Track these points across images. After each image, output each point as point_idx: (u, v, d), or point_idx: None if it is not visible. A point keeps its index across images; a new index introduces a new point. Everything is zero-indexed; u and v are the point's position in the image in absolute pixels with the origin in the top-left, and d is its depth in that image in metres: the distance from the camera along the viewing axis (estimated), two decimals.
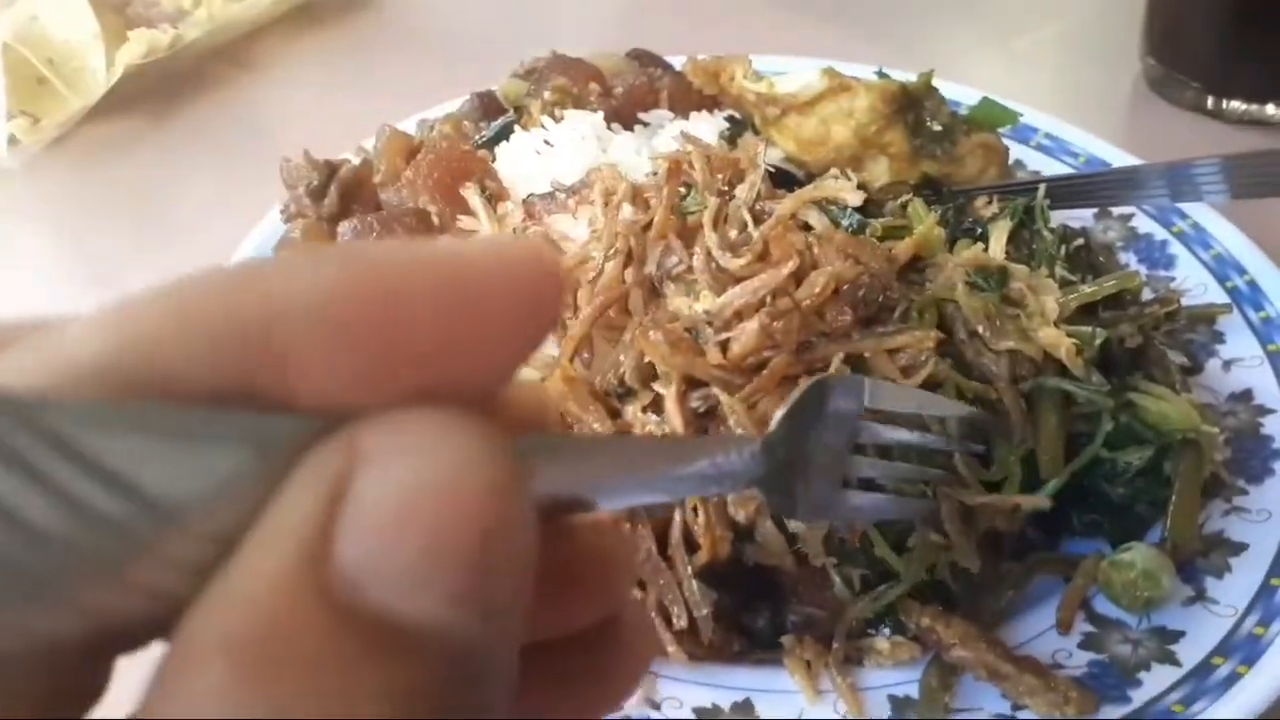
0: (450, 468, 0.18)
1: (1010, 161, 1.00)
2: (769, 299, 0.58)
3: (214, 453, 0.18)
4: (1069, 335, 0.69)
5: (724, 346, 0.60)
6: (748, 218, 0.66)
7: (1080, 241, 0.79)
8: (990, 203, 0.81)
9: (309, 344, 0.19)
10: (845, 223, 0.67)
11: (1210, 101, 1.18)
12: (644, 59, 1.01)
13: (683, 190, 0.72)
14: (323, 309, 0.19)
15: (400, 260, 0.20)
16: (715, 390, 0.58)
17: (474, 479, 0.18)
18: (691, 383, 0.60)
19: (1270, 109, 1.17)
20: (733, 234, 0.69)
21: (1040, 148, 0.99)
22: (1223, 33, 1.16)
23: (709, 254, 0.64)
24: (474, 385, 0.21)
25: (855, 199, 0.66)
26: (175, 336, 0.18)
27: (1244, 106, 1.18)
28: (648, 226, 0.69)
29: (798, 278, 0.61)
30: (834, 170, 0.77)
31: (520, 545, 0.18)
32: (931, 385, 0.62)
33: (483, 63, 1.05)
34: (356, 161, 0.88)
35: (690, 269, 0.67)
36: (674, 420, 0.58)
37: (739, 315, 0.60)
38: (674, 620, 0.60)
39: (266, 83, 1.24)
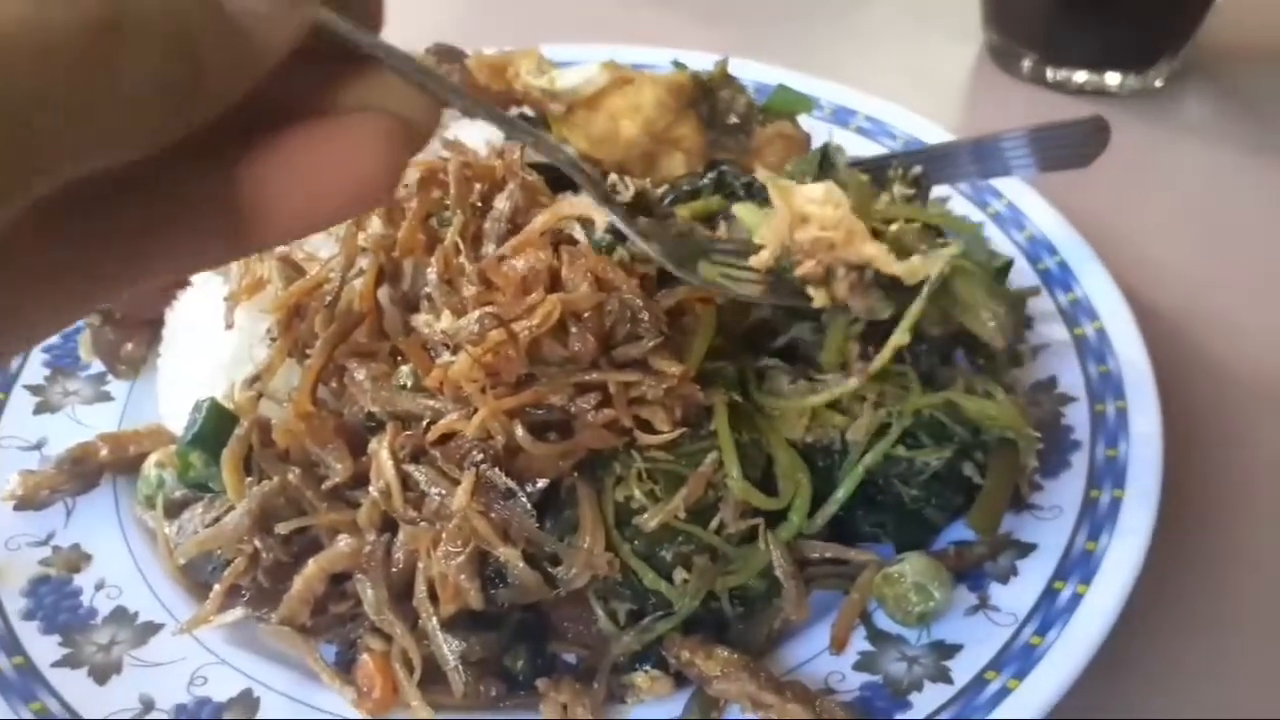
0: None
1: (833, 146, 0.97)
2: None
3: None
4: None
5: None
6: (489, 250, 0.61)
7: None
8: None
9: None
10: (595, 238, 0.63)
11: (1050, 73, 1.16)
12: (445, 55, 0.96)
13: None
14: None
15: None
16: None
17: None
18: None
19: (1111, 78, 1.15)
20: (490, 249, 0.64)
21: (861, 131, 0.95)
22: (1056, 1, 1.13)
23: (441, 274, 0.59)
24: None
25: (601, 220, 0.62)
26: None
27: (1085, 76, 1.16)
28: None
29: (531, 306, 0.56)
30: (613, 177, 0.73)
31: None
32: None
33: None
34: None
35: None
36: (386, 471, 0.54)
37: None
38: (414, 671, 0.55)
39: None
